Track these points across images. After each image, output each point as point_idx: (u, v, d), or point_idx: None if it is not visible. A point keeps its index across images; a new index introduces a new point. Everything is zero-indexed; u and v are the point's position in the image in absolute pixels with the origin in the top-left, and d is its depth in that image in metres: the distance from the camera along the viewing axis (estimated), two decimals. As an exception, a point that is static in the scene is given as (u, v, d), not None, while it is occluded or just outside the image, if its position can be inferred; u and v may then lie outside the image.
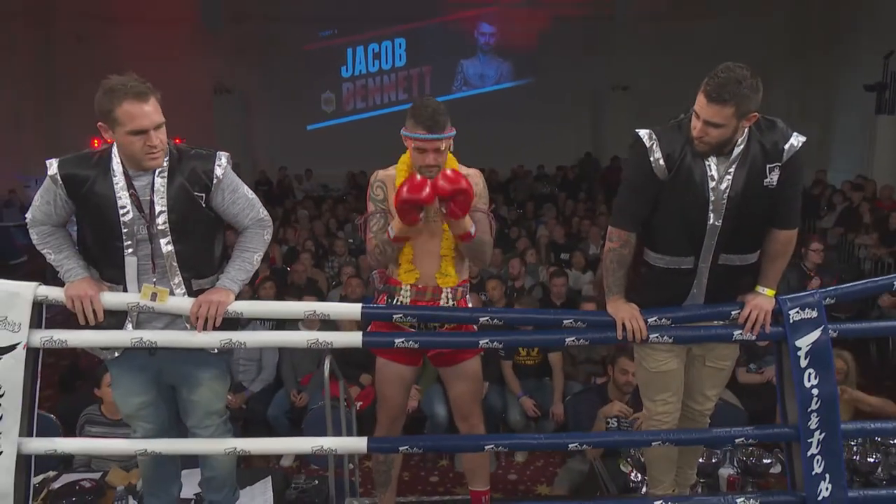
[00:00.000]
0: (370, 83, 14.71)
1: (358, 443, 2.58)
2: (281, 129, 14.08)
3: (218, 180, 2.29)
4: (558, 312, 2.46)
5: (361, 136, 13.63)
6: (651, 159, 2.30)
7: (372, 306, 2.59)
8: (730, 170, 2.29)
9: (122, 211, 2.22)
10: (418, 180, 2.42)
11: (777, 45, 13.06)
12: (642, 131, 2.34)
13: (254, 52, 13.84)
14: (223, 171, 2.30)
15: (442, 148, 2.51)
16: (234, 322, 2.40)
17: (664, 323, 2.42)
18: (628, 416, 3.62)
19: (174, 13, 13.12)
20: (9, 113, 11.81)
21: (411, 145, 2.52)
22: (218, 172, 2.29)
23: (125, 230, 2.23)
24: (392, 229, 2.55)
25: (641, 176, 2.34)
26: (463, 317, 2.56)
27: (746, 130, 2.27)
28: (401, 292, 2.62)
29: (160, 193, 2.24)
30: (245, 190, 2.38)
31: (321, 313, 2.40)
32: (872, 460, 3.07)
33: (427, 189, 2.39)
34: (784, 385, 2.50)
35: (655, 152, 2.30)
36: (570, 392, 4.64)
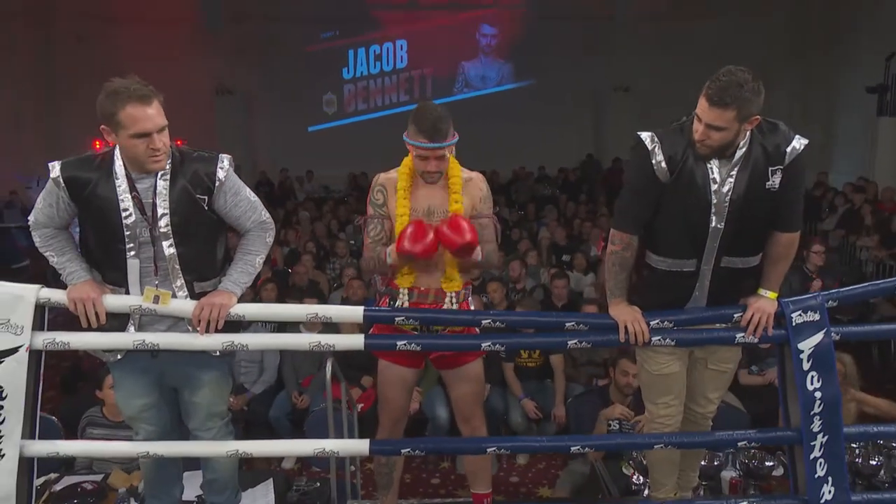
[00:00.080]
0: (371, 85, 14.71)
1: (360, 445, 2.58)
2: (282, 131, 14.08)
3: (220, 183, 2.29)
4: (560, 315, 2.46)
5: (363, 138, 13.66)
6: (653, 162, 2.30)
7: (374, 309, 2.59)
8: (732, 172, 2.28)
9: (125, 214, 2.22)
10: (420, 230, 2.41)
11: (778, 46, 13.05)
12: (644, 134, 2.33)
13: (255, 53, 13.84)
14: (225, 174, 2.30)
15: (444, 155, 2.51)
16: (237, 324, 2.40)
17: (666, 326, 2.42)
18: (630, 419, 3.62)
19: (175, 13, 13.12)
20: (9, 113, 11.81)
21: (413, 152, 2.53)
22: (220, 175, 2.29)
23: (127, 233, 2.23)
24: (390, 257, 2.56)
25: (643, 178, 2.34)
26: (465, 320, 2.57)
27: (748, 133, 2.27)
28: (400, 295, 2.63)
29: (162, 196, 2.24)
30: (247, 192, 2.38)
31: (324, 316, 2.40)
32: (875, 463, 3.06)
33: (429, 240, 2.40)
34: (786, 388, 2.50)
35: (657, 155, 2.30)
36: (572, 394, 4.63)
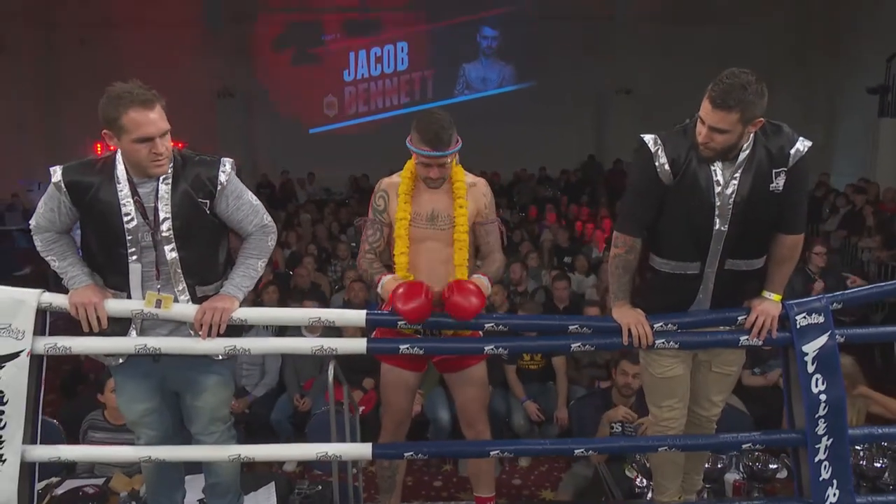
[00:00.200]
0: (372, 87, 14.70)
1: (363, 449, 2.57)
2: (283, 133, 14.09)
3: (222, 186, 2.28)
4: (564, 318, 2.44)
5: (364, 140, 13.69)
6: (656, 164, 2.29)
7: (377, 313, 2.58)
8: (735, 175, 2.28)
9: (127, 218, 2.22)
10: (413, 291, 2.33)
11: (779, 48, 13.02)
12: (647, 136, 2.33)
13: (256, 56, 13.84)
14: (227, 178, 2.29)
15: (446, 163, 2.50)
16: (239, 328, 2.40)
17: (670, 328, 2.41)
18: (632, 421, 3.61)
19: (176, 16, 13.13)
20: (10, 116, 11.82)
21: (416, 158, 2.52)
22: (222, 179, 2.28)
23: (129, 237, 2.23)
24: (381, 289, 2.54)
25: (646, 181, 2.33)
26: (468, 323, 2.55)
27: (752, 135, 2.26)
28: None
29: (164, 200, 2.23)
30: (249, 196, 2.38)
31: (326, 320, 2.39)
32: (879, 465, 3.05)
33: (420, 301, 2.31)
34: (791, 390, 2.49)
35: (661, 157, 2.29)
36: (574, 396, 4.62)
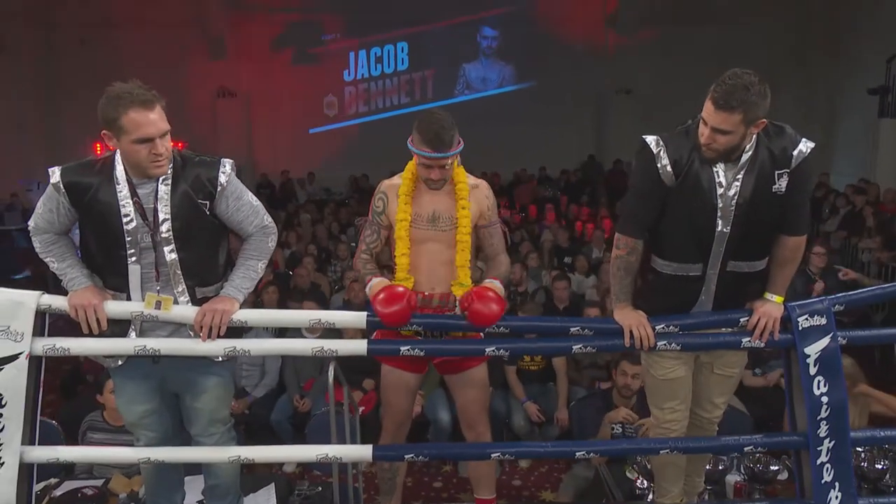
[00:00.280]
0: (373, 87, 14.68)
1: (363, 451, 2.56)
2: (283, 133, 14.07)
3: (222, 187, 2.27)
4: (565, 320, 2.44)
5: (364, 140, 13.68)
6: (658, 165, 2.28)
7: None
8: (738, 176, 2.27)
9: (126, 219, 2.20)
10: (392, 296, 2.32)
11: (779, 48, 13.01)
12: (649, 137, 2.32)
13: (256, 56, 13.82)
14: (227, 179, 2.28)
15: (447, 164, 2.50)
16: (239, 330, 2.39)
17: (672, 330, 2.40)
18: (633, 423, 3.60)
19: (176, 16, 13.10)
20: (10, 115, 11.80)
21: (417, 159, 2.51)
22: (222, 179, 2.27)
23: (129, 238, 2.22)
24: (369, 289, 2.51)
25: (648, 182, 2.32)
26: (470, 325, 2.54)
27: (755, 136, 2.25)
28: None
29: (164, 201, 2.22)
30: (249, 197, 2.36)
31: (326, 322, 2.38)
32: (880, 467, 3.04)
33: (401, 306, 2.31)
34: (793, 393, 2.48)
35: (663, 158, 2.28)
36: (575, 397, 4.60)
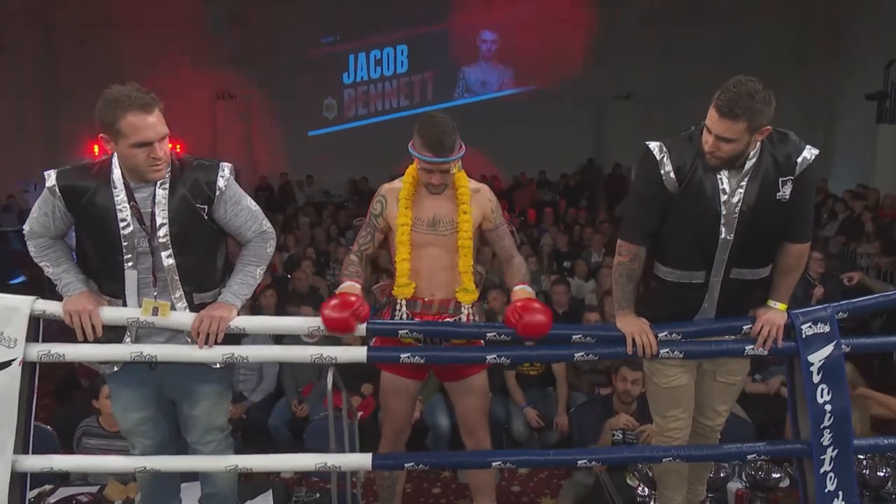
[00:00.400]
0: (372, 89, 14.67)
1: (362, 459, 2.53)
2: (283, 135, 14.06)
3: (220, 192, 2.24)
4: (567, 327, 2.41)
5: (363, 143, 13.64)
6: (661, 172, 2.26)
7: (377, 322, 2.54)
8: (742, 183, 2.25)
9: (123, 224, 2.17)
10: (343, 303, 2.28)
11: (779, 48, 13.01)
12: (653, 143, 2.30)
13: (256, 58, 13.82)
14: (226, 183, 2.25)
15: (448, 169, 2.48)
16: (237, 336, 2.36)
17: (674, 338, 2.38)
18: (634, 429, 3.58)
19: (176, 17, 13.09)
20: (10, 116, 11.77)
21: (418, 163, 2.49)
22: (220, 184, 2.24)
23: (125, 243, 2.19)
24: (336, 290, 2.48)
25: (651, 188, 2.30)
26: (471, 332, 2.52)
27: (759, 143, 2.23)
28: (398, 307, 2.59)
29: (161, 205, 2.19)
30: (248, 201, 2.34)
31: (325, 329, 2.34)
32: (882, 474, 3.02)
33: (344, 315, 2.26)
34: (796, 400, 2.46)
35: (666, 165, 2.26)
36: (575, 402, 4.58)
